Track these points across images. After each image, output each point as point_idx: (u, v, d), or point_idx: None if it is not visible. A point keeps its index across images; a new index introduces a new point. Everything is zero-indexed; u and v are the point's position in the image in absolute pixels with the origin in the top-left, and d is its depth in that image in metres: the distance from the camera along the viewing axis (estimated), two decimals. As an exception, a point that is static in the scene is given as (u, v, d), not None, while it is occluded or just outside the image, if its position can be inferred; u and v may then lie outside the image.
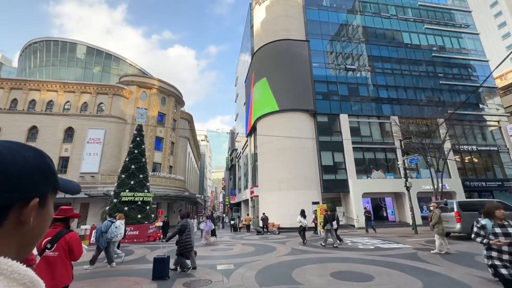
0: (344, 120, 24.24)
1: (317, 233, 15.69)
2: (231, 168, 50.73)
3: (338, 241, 11.08)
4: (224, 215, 56.28)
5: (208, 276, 6.46)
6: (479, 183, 24.87)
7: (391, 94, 26.42)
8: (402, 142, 17.32)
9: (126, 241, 14.36)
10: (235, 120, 48.44)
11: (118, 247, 9.10)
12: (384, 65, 27.46)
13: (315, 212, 16.35)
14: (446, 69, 28.83)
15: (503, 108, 28.28)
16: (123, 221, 9.18)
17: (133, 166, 16.79)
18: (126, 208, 15.45)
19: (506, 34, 56.96)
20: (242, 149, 36.87)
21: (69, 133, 27.73)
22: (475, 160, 26.23)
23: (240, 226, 24.15)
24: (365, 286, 5.35)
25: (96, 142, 27.40)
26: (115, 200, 15.74)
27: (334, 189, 22.58)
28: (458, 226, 11.49)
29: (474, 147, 25.72)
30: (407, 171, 16.28)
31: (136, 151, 17.38)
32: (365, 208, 18.27)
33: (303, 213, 12.65)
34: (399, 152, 23.83)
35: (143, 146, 17.96)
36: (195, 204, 50.96)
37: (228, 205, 49.43)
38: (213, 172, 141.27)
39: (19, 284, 0.47)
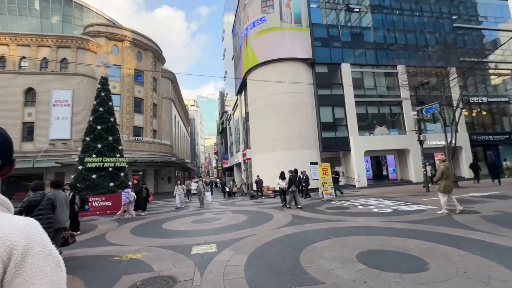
0: (346, 71, 21.24)
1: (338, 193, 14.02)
2: (222, 132, 48.21)
3: (298, 204, 10.48)
4: (218, 180, 55.38)
5: (172, 268, 4.27)
6: (486, 137, 23.28)
7: (399, 38, 23.11)
8: (417, 89, 14.78)
9: (97, 213, 12.28)
10: (224, 80, 44.45)
11: None
12: (392, 4, 23.62)
13: (303, 173, 14.44)
14: (460, 10, 25.21)
15: (518, 54, 25.53)
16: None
17: (99, 127, 13.96)
18: (94, 176, 13.04)
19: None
20: (233, 109, 33.91)
21: (30, 95, 23.98)
22: (484, 113, 24.30)
23: (234, 190, 22.40)
24: (429, 286, 3.21)
25: (63, 105, 23.92)
26: (80, 168, 13.22)
27: (334, 148, 20.58)
28: None
29: (485, 99, 23.55)
30: (421, 123, 14.06)
31: (101, 109, 14.38)
32: (303, 172, 14.84)
33: (282, 176, 11.23)
34: (405, 104, 21.55)
35: (110, 103, 14.91)
36: (187, 170, 49.33)
37: (221, 170, 48.04)
38: (206, 139, 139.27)
39: None
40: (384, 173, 25.87)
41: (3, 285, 0.62)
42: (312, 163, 19.18)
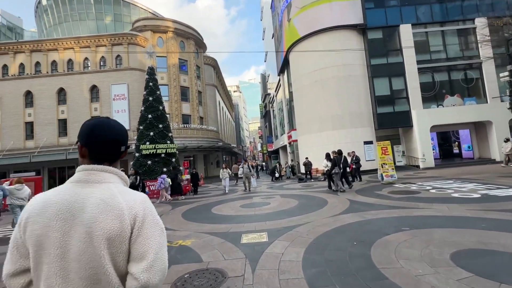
0: (407, 33, 18.08)
1: (378, 178, 12.40)
2: (265, 115, 47.70)
3: (346, 185, 10.16)
4: (264, 163, 55.85)
5: (221, 259, 3.90)
6: None
7: (478, -16, 18.55)
8: (509, 43, 11.59)
9: (154, 196, 13.11)
10: (265, 61, 43.20)
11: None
12: None
13: (352, 153, 12.87)
14: None
15: None
16: (20, 185, 7.28)
17: (150, 116, 14.67)
18: (149, 162, 13.90)
19: None
20: (275, 91, 32.83)
21: (94, 92, 26.81)
22: None
23: (282, 174, 21.85)
24: None
25: (121, 98, 26.18)
26: (137, 155, 14.22)
27: (392, 125, 18.18)
28: None
29: None
30: (515, 86, 11.08)
31: (150, 98, 15.04)
32: (352, 153, 13.22)
33: (328, 157, 10.51)
34: (487, 66, 17.58)
35: (158, 92, 15.47)
36: (234, 154, 50.78)
37: (267, 153, 48.06)
38: (250, 123, 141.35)
39: (121, 178, 1.00)
40: (455, 151, 22.18)
41: (131, 241, 0.87)
42: (366, 143, 17.41)
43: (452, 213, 5.47)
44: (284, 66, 24.93)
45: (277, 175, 20.04)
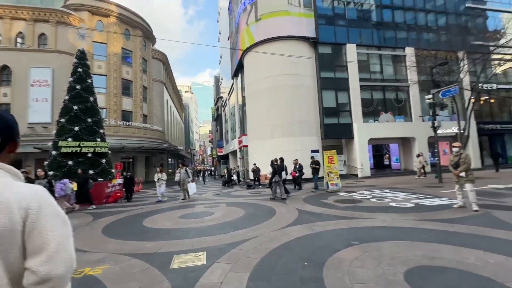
0: (352, 52, 19.64)
1: (317, 187, 12.66)
2: (217, 119, 46.48)
3: (285, 194, 10.06)
4: (212, 168, 54.11)
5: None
6: (493, 126, 22.30)
7: (408, 19, 21.44)
8: (433, 71, 13.40)
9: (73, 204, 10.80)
10: (219, 64, 42.30)
11: None
12: (403, -19, 21.76)
13: (295, 161, 12.88)
14: (474, -11, 23.49)
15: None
16: None
17: (76, 107, 12.27)
18: (70, 163, 11.50)
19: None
20: (228, 95, 32.14)
21: (5, 74, 21.82)
22: (492, 100, 23.20)
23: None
24: None
25: (43, 85, 21.89)
26: (54, 153, 11.62)
27: (336, 135, 19.30)
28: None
29: (494, 85, 22.33)
30: (436, 108, 12.78)
31: (78, 87, 12.65)
32: (312, 158, 12.90)
33: (272, 164, 10.33)
34: (413, 90, 20.25)
35: (89, 81, 13.14)
36: (181, 158, 47.87)
37: (216, 158, 46.70)
38: (201, 127, 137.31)
39: (8, 172, 0.90)
40: (386, 162, 24.88)
41: (24, 235, 0.80)
42: (313, 151, 17.95)
43: (395, 223, 5.54)
44: (238, 70, 24.51)
45: (234, 177, 19.42)
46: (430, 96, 12.49)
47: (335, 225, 5.58)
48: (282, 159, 10.64)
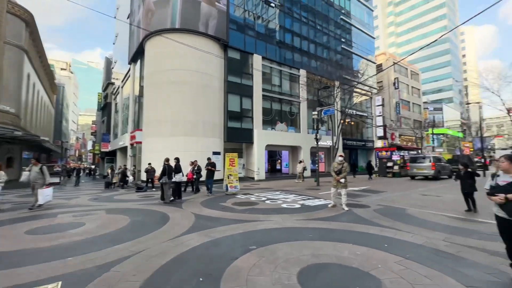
0: (258, 62, 21.00)
1: (211, 191, 12.54)
2: (104, 108, 39.11)
3: (173, 197, 9.47)
4: (92, 166, 44.79)
5: None
6: (352, 142, 29.18)
7: (304, 45, 25.13)
8: (319, 91, 16.06)
9: None
10: (114, 44, 35.93)
11: None
12: (302, 13, 25.42)
13: (194, 163, 12.43)
14: (346, 35, 30.33)
15: (376, 82, 33.53)
16: None
17: None
18: None
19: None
20: (122, 82, 27.62)
21: None
22: (352, 123, 30.38)
23: (114, 181, 17.65)
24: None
25: None
26: None
27: (238, 139, 19.91)
28: (432, 172, 17.49)
29: (354, 111, 29.36)
30: (319, 123, 15.33)
31: None
32: (208, 159, 11.76)
33: (164, 163, 9.54)
34: (303, 106, 23.72)
35: None
36: (47, 151, 36.98)
37: (99, 155, 38.97)
38: (82, 115, 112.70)
39: None
40: (278, 167, 27.93)
41: None
42: (215, 153, 17.77)
43: (286, 224, 5.93)
44: (137, 55, 21.43)
45: (130, 179, 16.41)
46: (316, 112, 14.85)
47: (233, 230, 5.40)
48: (177, 159, 9.79)
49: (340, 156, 7.77)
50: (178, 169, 9.57)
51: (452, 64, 70.12)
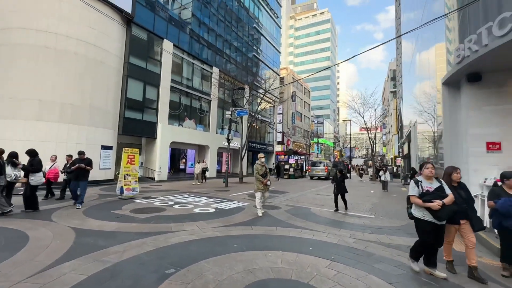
0: (168, 49, 18.81)
1: (76, 198, 10.07)
2: None
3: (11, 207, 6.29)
4: None
5: None
6: (256, 145, 30.97)
7: (218, 43, 24.63)
8: (235, 92, 15.90)
9: None
10: None
11: None
12: (219, 11, 24.91)
13: (69, 158, 9.33)
14: (258, 44, 32.19)
15: (279, 93, 37.17)
16: None
17: None
18: None
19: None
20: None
21: None
22: (257, 127, 32.32)
23: None
24: None
25: None
26: None
27: (137, 132, 17.04)
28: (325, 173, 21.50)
29: (259, 116, 31.34)
30: (231, 123, 15.17)
31: None
32: (81, 153, 7.97)
33: (12, 160, 6.36)
34: (213, 105, 23.12)
35: None
36: None
37: None
38: None
39: None
40: (182, 166, 26.06)
41: None
42: (104, 147, 14.52)
43: (206, 233, 5.13)
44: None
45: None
46: (229, 112, 14.59)
47: (138, 248, 4.13)
48: (31, 152, 6.66)
49: (263, 157, 7.60)
50: (35, 166, 6.55)
51: (331, 88, 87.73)
